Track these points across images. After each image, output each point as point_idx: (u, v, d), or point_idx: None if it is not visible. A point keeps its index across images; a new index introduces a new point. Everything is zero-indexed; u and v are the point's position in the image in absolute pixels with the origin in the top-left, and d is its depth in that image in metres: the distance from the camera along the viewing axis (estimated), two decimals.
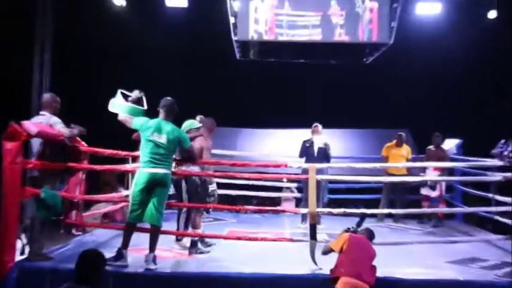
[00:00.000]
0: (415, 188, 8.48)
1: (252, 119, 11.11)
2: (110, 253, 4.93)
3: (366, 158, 9.36)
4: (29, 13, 8.02)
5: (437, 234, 7.50)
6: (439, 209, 8.04)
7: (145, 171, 5.06)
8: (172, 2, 8.82)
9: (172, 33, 9.87)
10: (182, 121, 6.08)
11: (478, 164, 7.17)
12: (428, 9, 9.01)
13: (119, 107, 5.32)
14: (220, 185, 8.63)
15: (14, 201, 4.90)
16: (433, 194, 8.11)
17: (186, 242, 5.96)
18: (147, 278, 4.89)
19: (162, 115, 5.25)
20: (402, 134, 8.82)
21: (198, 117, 7.96)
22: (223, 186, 8.70)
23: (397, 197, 8.50)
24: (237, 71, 10.22)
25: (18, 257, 5.16)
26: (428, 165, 7.90)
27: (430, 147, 8.36)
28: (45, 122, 5.15)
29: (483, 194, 7.67)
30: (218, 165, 6.40)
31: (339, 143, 10.19)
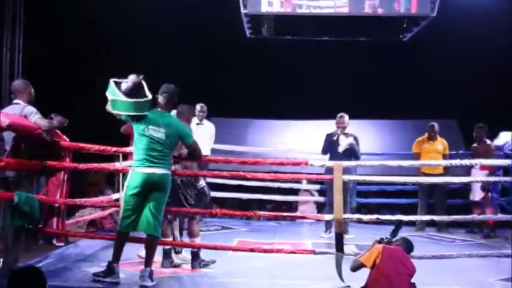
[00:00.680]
0: (460, 191, 8.43)
1: (265, 108, 11.12)
2: (98, 267, 4.96)
3: (402, 155, 9.25)
4: None
5: (489, 246, 7.47)
6: (490, 215, 7.97)
7: (139, 172, 5.07)
8: None
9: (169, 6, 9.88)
10: None
11: None
12: None
13: (122, 105, 5.05)
14: (229, 187, 8.71)
15: None
16: (477, 196, 8.07)
17: (187, 254, 6.00)
18: None
19: (160, 104, 5.25)
20: (434, 125, 8.71)
21: (198, 106, 8.03)
22: (232, 189, 8.75)
23: (437, 201, 8.47)
24: (247, 51, 10.20)
25: None
26: (474, 162, 7.79)
27: (475, 144, 8.30)
28: (18, 112, 5.13)
29: None
30: (226, 164, 6.41)
31: (370, 136, 10.19)
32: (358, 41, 9.34)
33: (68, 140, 5.64)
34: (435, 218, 7.72)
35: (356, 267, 4.67)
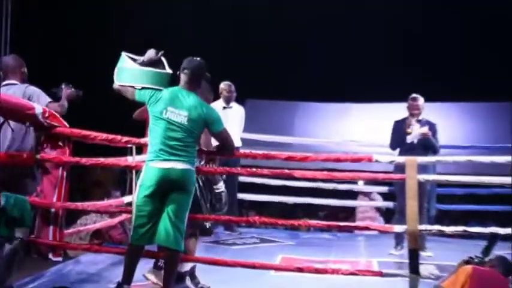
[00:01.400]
0: None
1: (316, 88, 11.10)
2: None
3: (496, 148, 9.14)
4: None
5: None
6: None
7: (154, 167, 5.05)
8: None
9: None
10: None
11: None
12: None
13: (131, 75, 5.16)
14: (270, 188, 8.67)
15: None
16: None
17: None
18: None
19: (183, 82, 5.19)
20: None
21: (224, 85, 8.02)
22: (274, 191, 8.72)
23: None
24: (290, 16, 10.20)
25: None
26: None
27: None
28: (21, 94, 5.27)
29: None
30: (267, 159, 6.35)
31: (453, 124, 10.04)
32: None
33: (69, 127, 5.65)
34: None
35: None
